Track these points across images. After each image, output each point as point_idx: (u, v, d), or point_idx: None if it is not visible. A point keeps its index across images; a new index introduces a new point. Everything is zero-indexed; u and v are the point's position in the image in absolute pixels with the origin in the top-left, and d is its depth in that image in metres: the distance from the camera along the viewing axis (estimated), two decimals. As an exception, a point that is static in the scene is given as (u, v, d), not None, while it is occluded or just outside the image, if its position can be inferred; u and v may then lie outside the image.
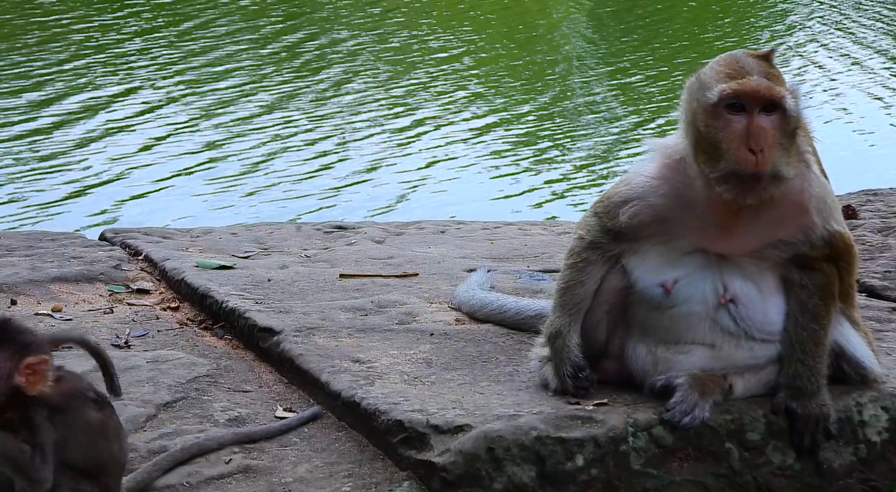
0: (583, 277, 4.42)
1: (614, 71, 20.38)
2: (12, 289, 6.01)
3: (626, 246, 4.38)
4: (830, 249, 4.27)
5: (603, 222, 4.40)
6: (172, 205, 13.19)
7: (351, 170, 14.60)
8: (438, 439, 4.16)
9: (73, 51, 19.94)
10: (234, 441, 4.52)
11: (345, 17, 23.67)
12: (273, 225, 7.73)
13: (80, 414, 3.87)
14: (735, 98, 4.10)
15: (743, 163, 4.07)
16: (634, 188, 4.35)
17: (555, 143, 16.13)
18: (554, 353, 4.43)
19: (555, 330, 4.44)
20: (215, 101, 17.34)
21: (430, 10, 24.74)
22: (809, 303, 4.28)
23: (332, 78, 18.93)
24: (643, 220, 4.32)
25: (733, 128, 4.10)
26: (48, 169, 14.24)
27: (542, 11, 25.52)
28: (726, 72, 4.15)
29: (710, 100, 4.13)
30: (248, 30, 22.25)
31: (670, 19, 24.27)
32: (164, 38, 21.39)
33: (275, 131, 16.05)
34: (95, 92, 17.64)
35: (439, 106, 17.60)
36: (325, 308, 5.56)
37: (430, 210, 12.75)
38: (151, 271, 6.42)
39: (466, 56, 20.89)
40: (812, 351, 4.29)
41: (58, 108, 16.68)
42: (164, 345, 5.43)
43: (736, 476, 4.25)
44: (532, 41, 22.64)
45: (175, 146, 15.25)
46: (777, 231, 4.25)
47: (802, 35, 23.23)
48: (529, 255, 6.83)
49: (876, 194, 8.08)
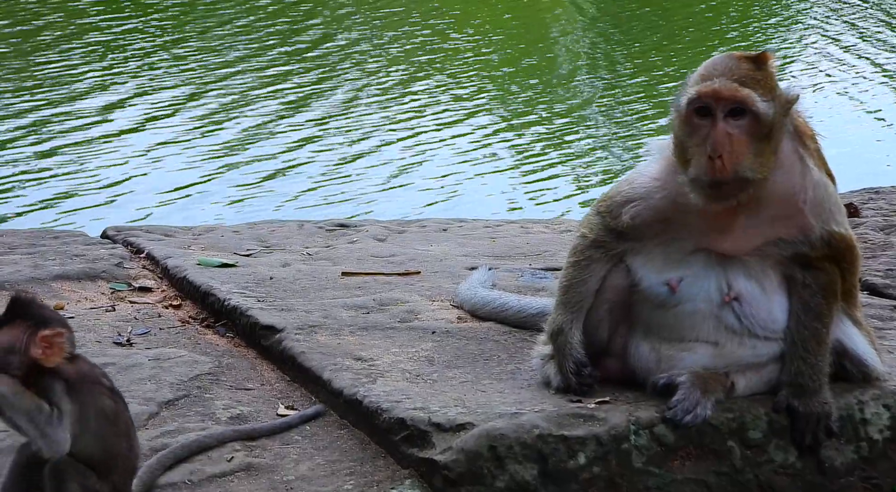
0: (585, 275, 4.42)
1: (616, 71, 20.37)
2: (14, 286, 6.00)
3: (630, 245, 4.38)
4: (830, 249, 4.27)
5: (606, 221, 4.40)
6: (174, 204, 13.20)
7: (353, 170, 14.60)
8: (440, 437, 4.16)
9: (84, 50, 19.95)
10: (236, 438, 4.52)
11: (347, 17, 23.67)
12: (275, 223, 7.73)
13: (94, 396, 3.91)
14: (699, 102, 4.08)
15: (703, 169, 4.07)
16: (636, 189, 4.35)
17: (556, 142, 16.13)
18: (556, 350, 4.44)
19: (557, 327, 4.44)
20: (223, 101, 17.35)
21: (440, 9, 24.73)
22: (812, 301, 4.29)
23: (333, 79, 18.92)
24: (645, 220, 4.32)
25: (698, 133, 4.09)
26: (50, 167, 14.25)
27: (552, 11, 25.50)
28: (700, 74, 4.15)
29: (680, 104, 4.14)
30: (254, 31, 22.26)
31: (671, 19, 24.27)
32: (166, 37, 21.39)
33: (282, 131, 16.06)
34: (97, 92, 17.64)
35: (442, 105, 17.59)
36: (327, 306, 5.56)
37: (434, 209, 12.77)
38: (153, 269, 6.42)
39: (474, 55, 20.88)
40: (814, 349, 4.29)
41: (65, 107, 16.69)
42: (165, 343, 5.43)
43: (738, 474, 4.25)
44: (541, 40, 22.63)
45: (178, 146, 15.25)
46: (775, 231, 4.25)
47: (812, 32, 23.22)
48: (531, 253, 6.83)
49: (878, 192, 8.08)
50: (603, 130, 16.81)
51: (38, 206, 13.04)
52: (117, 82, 18.14)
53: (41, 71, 18.52)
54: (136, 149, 15.03)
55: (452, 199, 13.59)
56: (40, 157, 14.59)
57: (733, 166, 4.05)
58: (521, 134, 16.30)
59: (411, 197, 13.67)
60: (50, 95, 17.24)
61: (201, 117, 16.48)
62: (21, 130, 15.63)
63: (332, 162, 14.84)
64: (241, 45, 20.83)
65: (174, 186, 13.75)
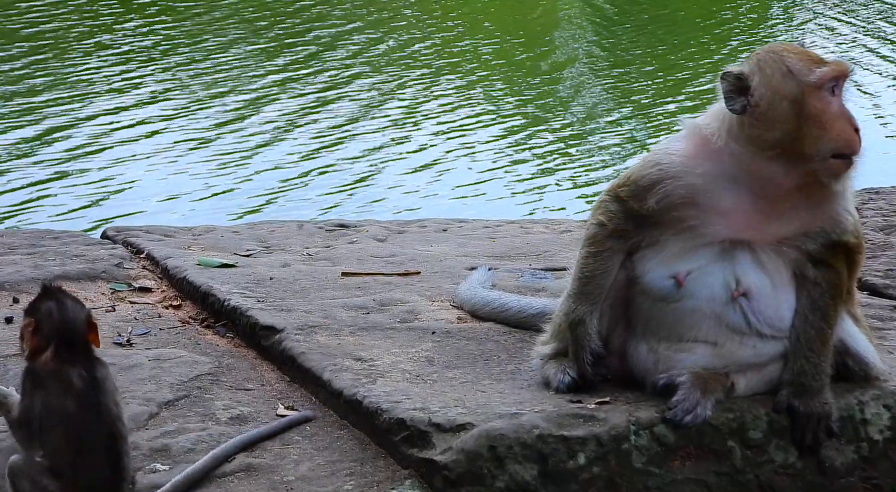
0: (608, 266, 4.38)
1: (617, 71, 20.37)
2: (14, 287, 6.01)
3: (648, 233, 4.33)
4: (846, 247, 4.28)
5: (628, 206, 4.34)
6: (175, 204, 13.20)
7: (354, 168, 14.61)
8: (440, 437, 4.16)
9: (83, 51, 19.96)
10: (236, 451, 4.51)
11: (348, 13, 23.67)
12: (275, 223, 7.73)
13: (55, 397, 3.94)
14: (834, 80, 4.19)
15: (851, 142, 4.17)
16: (667, 168, 4.28)
17: (556, 142, 16.13)
18: (574, 340, 4.40)
19: (577, 318, 4.39)
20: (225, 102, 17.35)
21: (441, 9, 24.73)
22: (821, 300, 4.28)
23: (334, 77, 18.92)
24: (674, 202, 4.26)
25: (834, 109, 4.19)
26: (50, 167, 14.25)
27: (549, 10, 25.50)
28: (809, 57, 4.24)
29: (810, 82, 4.18)
30: (252, 30, 22.25)
31: (673, 21, 24.27)
32: (167, 36, 21.39)
33: (280, 131, 16.06)
34: (102, 91, 17.64)
35: (442, 105, 17.60)
36: (327, 306, 5.56)
37: (432, 209, 12.76)
38: (153, 270, 6.42)
39: (473, 54, 20.88)
40: (818, 349, 4.28)
41: (66, 107, 16.69)
42: (165, 343, 5.43)
43: (738, 475, 4.25)
44: (539, 39, 22.63)
45: (178, 146, 15.25)
46: (808, 220, 4.25)
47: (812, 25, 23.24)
48: (531, 253, 6.83)
49: (878, 192, 8.07)
50: (604, 130, 16.81)
51: (38, 205, 13.04)
52: (119, 82, 18.14)
53: (41, 71, 18.52)
54: (136, 149, 15.04)
55: (452, 199, 13.59)
56: (42, 157, 14.59)
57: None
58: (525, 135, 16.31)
59: (411, 197, 13.68)
60: (50, 95, 17.25)
61: (201, 117, 16.48)
62: (21, 130, 15.64)
63: (332, 162, 14.85)
64: (242, 48, 20.83)
65: (174, 186, 13.75)
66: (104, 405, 4.01)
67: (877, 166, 14.85)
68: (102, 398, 4.01)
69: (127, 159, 14.64)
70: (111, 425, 4.01)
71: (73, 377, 3.98)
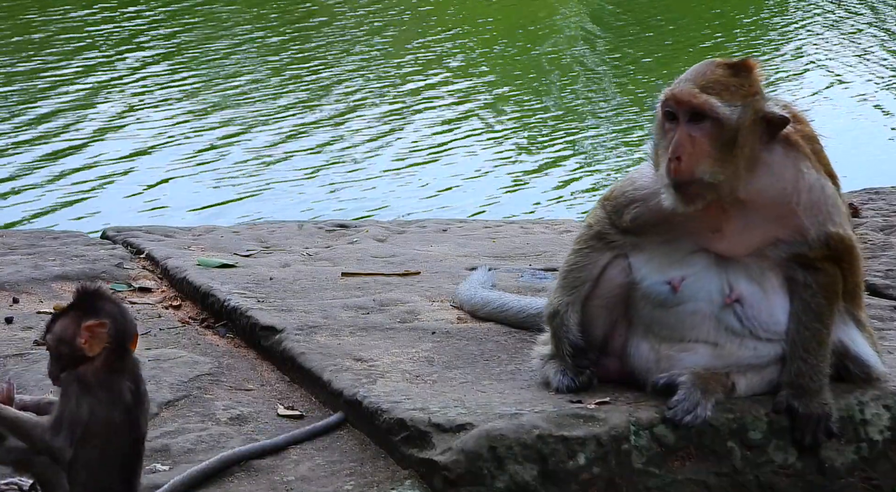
0: (586, 262, 4.45)
1: (619, 72, 20.38)
2: (14, 287, 6.01)
3: (632, 239, 4.39)
4: (829, 249, 4.28)
5: (610, 218, 4.43)
6: (176, 204, 13.19)
7: (354, 169, 14.61)
8: (440, 437, 4.16)
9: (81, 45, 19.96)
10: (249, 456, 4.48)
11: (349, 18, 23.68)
12: (275, 223, 7.73)
13: (103, 406, 3.86)
14: (665, 106, 4.16)
15: (666, 170, 4.13)
16: (638, 190, 4.38)
17: (557, 142, 16.14)
18: (552, 332, 4.46)
19: (553, 309, 4.46)
20: (222, 98, 17.35)
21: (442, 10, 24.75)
22: (813, 302, 4.29)
23: (335, 77, 18.92)
24: (647, 221, 4.35)
25: (666, 136, 4.17)
26: (51, 166, 14.25)
27: (549, 10, 25.50)
28: (676, 80, 4.21)
29: (657, 107, 4.19)
30: (257, 28, 22.26)
31: (674, 20, 24.28)
32: (167, 33, 21.40)
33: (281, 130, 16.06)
34: (101, 93, 17.64)
35: (442, 104, 17.60)
36: (327, 307, 5.56)
37: (432, 210, 12.76)
38: (153, 270, 6.42)
39: (472, 55, 20.89)
40: (815, 350, 4.29)
41: (65, 106, 16.69)
42: (165, 343, 5.43)
43: (738, 475, 4.25)
44: (538, 40, 22.64)
45: (178, 145, 15.25)
46: (770, 233, 4.26)
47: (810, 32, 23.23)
48: (531, 253, 6.84)
49: (878, 193, 8.07)
50: (606, 131, 16.81)
51: (37, 207, 13.04)
52: (120, 84, 18.14)
53: (42, 72, 18.52)
54: (135, 150, 15.03)
55: (452, 199, 13.59)
56: (42, 157, 14.59)
57: (691, 169, 4.10)
58: (525, 136, 16.31)
59: (412, 197, 13.67)
60: (52, 95, 17.25)
61: (201, 118, 16.47)
62: (22, 131, 15.63)
63: (332, 162, 14.85)
64: (243, 48, 20.83)
65: (174, 186, 13.75)
66: (141, 423, 3.95)
67: (877, 166, 14.81)
68: (141, 415, 3.95)
69: (127, 159, 14.64)
70: (139, 443, 3.96)
71: (123, 389, 3.89)
